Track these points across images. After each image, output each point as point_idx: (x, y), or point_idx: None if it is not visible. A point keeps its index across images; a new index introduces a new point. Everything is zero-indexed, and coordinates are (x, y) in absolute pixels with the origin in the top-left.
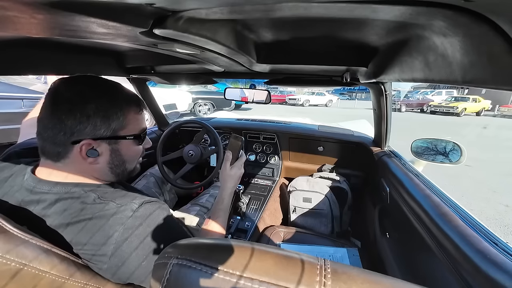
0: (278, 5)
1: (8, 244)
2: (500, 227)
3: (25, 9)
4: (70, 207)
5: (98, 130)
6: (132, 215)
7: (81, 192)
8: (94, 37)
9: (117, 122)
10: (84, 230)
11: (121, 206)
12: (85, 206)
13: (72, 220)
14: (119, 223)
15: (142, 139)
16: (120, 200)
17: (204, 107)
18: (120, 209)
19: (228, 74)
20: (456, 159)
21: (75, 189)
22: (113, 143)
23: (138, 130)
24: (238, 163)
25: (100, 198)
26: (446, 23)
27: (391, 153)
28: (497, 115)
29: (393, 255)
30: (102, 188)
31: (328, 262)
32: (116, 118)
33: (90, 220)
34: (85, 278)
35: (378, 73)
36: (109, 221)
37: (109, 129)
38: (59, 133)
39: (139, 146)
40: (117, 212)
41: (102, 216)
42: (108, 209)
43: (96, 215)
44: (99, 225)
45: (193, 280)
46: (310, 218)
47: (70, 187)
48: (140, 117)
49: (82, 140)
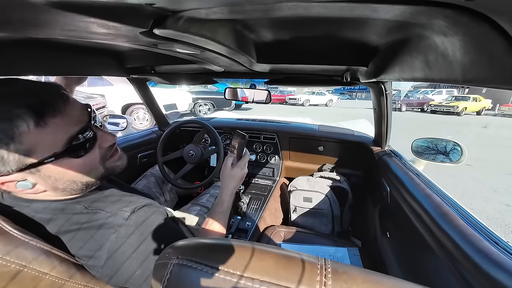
0: (278, 5)
1: (8, 246)
2: (501, 226)
3: (25, 9)
4: (54, 218)
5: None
6: (125, 223)
7: (62, 206)
8: (94, 38)
9: (14, 153)
10: (75, 239)
11: (111, 215)
12: (70, 216)
13: (60, 229)
14: (111, 232)
15: (79, 149)
16: (110, 208)
17: (204, 107)
18: (109, 219)
19: (228, 74)
20: (456, 158)
21: (54, 204)
22: (34, 172)
23: (62, 143)
24: (241, 163)
25: (87, 208)
26: (447, 22)
27: (391, 153)
28: (498, 114)
29: (393, 254)
30: (88, 197)
31: (328, 262)
32: (6, 148)
33: (79, 231)
34: (85, 279)
35: (378, 73)
36: (100, 230)
37: (8, 165)
38: None
39: (84, 157)
40: (107, 222)
41: (91, 226)
42: (96, 219)
43: (85, 226)
44: (90, 235)
45: (194, 280)
46: (310, 218)
47: (47, 203)
48: (51, 126)
49: None
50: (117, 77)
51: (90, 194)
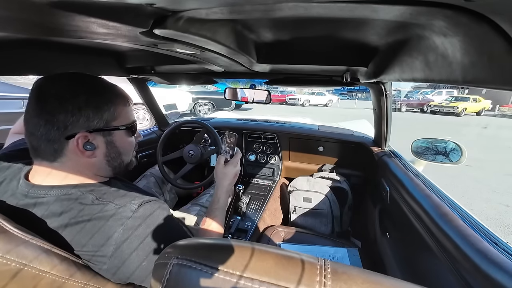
0: (278, 5)
1: (8, 244)
2: (501, 227)
3: (25, 9)
4: (68, 209)
5: (91, 121)
6: (132, 215)
7: (79, 194)
8: (94, 37)
9: (108, 113)
10: (83, 231)
11: (120, 207)
12: (83, 207)
13: (70, 221)
14: (118, 224)
15: (133, 131)
16: (119, 201)
17: (204, 107)
18: (119, 210)
19: (228, 74)
20: (456, 159)
21: (72, 191)
22: (107, 135)
23: (129, 121)
24: (234, 161)
25: (99, 199)
26: (447, 23)
27: (391, 153)
28: (498, 115)
29: (393, 255)
30: (100, 188)
31: (328, 262)
32: (107, 109)
33: (89, 222)
34: (85, 278)
35: (378, 73)
36: (108, 222)
37: (102, 120)
38: (52, 128)
39: (132, 138)
40: (116, 213)
41: (101, 217)
42: (107, 210)
43: (95, 216)
44: (98, 226)
45: (193, 280)
46: (310, 218)
47: (67, 189)
48: (128, 109)
49: (77, 134)
50: (117, 77)
51: (101, 186)
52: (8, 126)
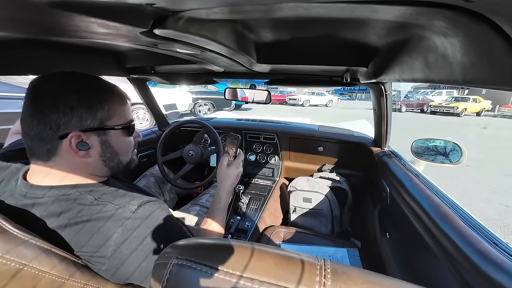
0: (278, 5)
1: (8, 244)
2: (501, 228)
3: (25, 9)
4: (67, 209)
5: (84, 121)
6: (131, 216)
7: (77, 194)
8: (94, 37)
9: (102, 112)
10: (83, 232)
11: (119, 207)
12: (82, 208)
13: (69, 222)
14: (118, 224)
15: (131, 131)
16: (119, 201)
17: (204, 107)
18: (118, 211)
19: (228, 74)
20: (456, 159)
21: (71, 192)
22: (102, 135)
23: (126, 121)
24: (236, 162)
25: (98, 199)
26: (446, 23)
27: (391, 153)
28: (497, 115)
29: (393, 255)
30: (99, 188)
31: (328, 262)
32: (101, 108)
33: (88, 222)
34: (85, 278)
35: (378, 73)
36: (108, 222)
37: (95, 119)
38: (44, 128)
39: (130, 138)
40: (116, 214)
41: (100, 218)
42: (106, 211)
43: (94, 217)
44: (98, 227)
45: (193, 280)
46: (310, 218)
47: (65, 189)
48: (125, 108)
49: (70, 133)
50: (117, 77)
51: (100, 186)
52: (8, 126)
